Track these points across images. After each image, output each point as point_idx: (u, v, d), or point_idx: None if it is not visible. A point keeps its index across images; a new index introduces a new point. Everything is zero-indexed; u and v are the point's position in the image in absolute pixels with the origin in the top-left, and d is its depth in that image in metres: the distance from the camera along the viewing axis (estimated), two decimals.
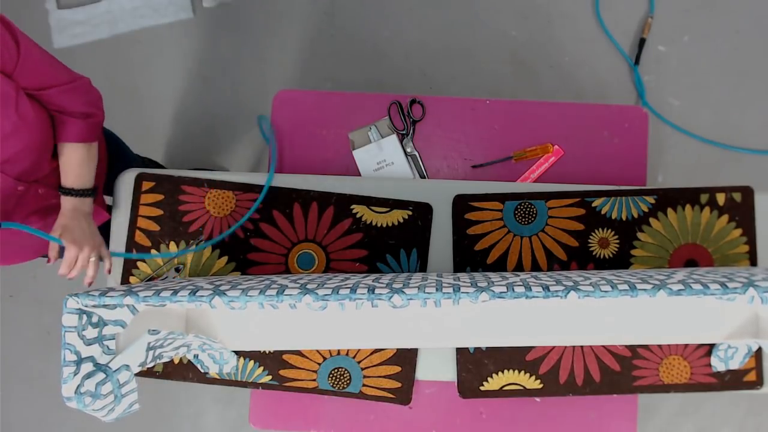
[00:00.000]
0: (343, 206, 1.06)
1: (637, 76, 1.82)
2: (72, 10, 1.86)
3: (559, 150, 1.14)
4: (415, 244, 1.05)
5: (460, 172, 1.14)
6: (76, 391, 0.67)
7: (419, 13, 1.87)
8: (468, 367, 1.01)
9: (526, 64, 1.84)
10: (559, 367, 1.01)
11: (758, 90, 1.82)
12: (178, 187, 1.05)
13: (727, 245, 1.04)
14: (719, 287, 0.67)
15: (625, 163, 1.14)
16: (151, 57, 1.84)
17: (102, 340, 0.72)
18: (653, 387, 1.00)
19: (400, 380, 1.02)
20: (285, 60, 1.86)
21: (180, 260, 1.05)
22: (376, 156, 1.13)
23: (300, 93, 1.18)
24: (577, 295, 0.67)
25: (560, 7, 1.87)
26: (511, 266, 1.04)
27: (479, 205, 1.05)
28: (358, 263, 1.05)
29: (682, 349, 1.01)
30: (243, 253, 1.05)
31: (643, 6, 1.86)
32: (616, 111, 1.16)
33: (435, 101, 1.16)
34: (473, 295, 0.67)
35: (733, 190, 1.05)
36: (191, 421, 1.75)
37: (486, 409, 1.06)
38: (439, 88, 1.83)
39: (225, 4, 1.86)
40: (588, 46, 1.85)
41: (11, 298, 1.82)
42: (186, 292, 0.69)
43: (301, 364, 1.02)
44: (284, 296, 0.68)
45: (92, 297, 0.69)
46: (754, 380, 1.01)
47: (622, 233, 1.04)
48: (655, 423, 1.70)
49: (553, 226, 1.05)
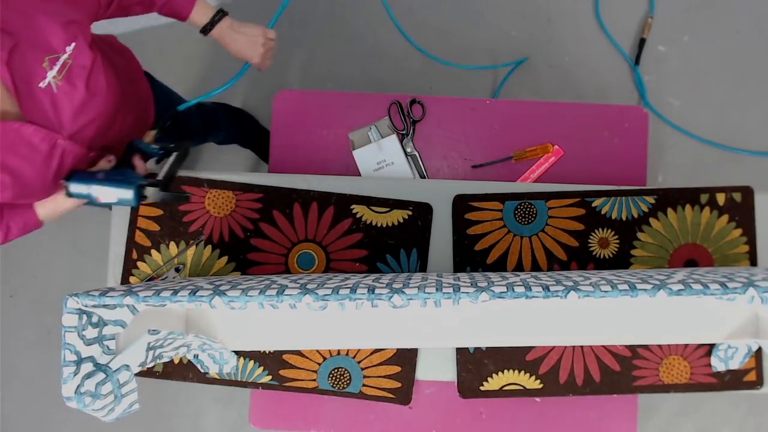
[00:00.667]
0: (343, 206, 1.06)
1: (638, 76, 1.82)
2: None
3: (559, 150, 1.14)
4: (415, 244, 1.05)
5: (460, 172, 1.14)
6: (76, 391, 0.67)
7: (419, 13, 1.87)
8: (468, 367, 1.01)
9: (526, 63, 1.84)
10: (559, 367, 1.01)
11: (758, 90, 1.82)
12: (178, 187, 1.05)
13: (727, 245, 1.04)
14: (719, 287, 0.67)
15: (625, 163, 1.14)
16: (151, 57, 1.84)
17: (102, 340, 0.72)
18: (653, 387, 1.00)
19: (400, 380, 1.02)
20: (285, 60, 1.86)
21: (180, 260, 1.05)
22: (376, 156, 1.13)
23: (300, 93, 1.18)
24: (577, 295, 0.67)
25: (560, 7, 1.87)
26: (511, 266, 1.04)
27: (479, 205, 1.05)
28: (358, 263, 1.05)
29: (682, 349, 1.01)
30: (243, 253, 1.05)
31: (643, 6, 1.86)
32: (616, 111, 1.16)
33: (435, 101, 1.16)
34: (473, 295, 0.67)
35: (733, 190, 1.05)
36: (191, 421, 1.75)
37: (486, 409, 1.06)
38: (439, 88, 1.83)
39: (225, 4, 1.86)
40: (588, 46, 1.85)
41: (11, 298, 1.82)
42: (186, 292, 0.69)
43: (301, 364, 1.02)
44: (284, 296, 0.68)
45: (92, 297, 0.69)
46: (754, 380, 1.01)
47: (622, 233, 1.04)
48: (655, 423, 1.70)
49: (553, 226, 1.05)
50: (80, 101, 0.76)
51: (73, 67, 0.74)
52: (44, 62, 0.71)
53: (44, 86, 0.72)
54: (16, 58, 0.68)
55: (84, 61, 0.75)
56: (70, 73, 0.74)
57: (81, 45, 0.74)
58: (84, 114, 0.78)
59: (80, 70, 0.75)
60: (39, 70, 0.71)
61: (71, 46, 0.73)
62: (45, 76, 0.71)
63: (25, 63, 0.69)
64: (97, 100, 0.79)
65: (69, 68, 0.73)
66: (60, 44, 0.72)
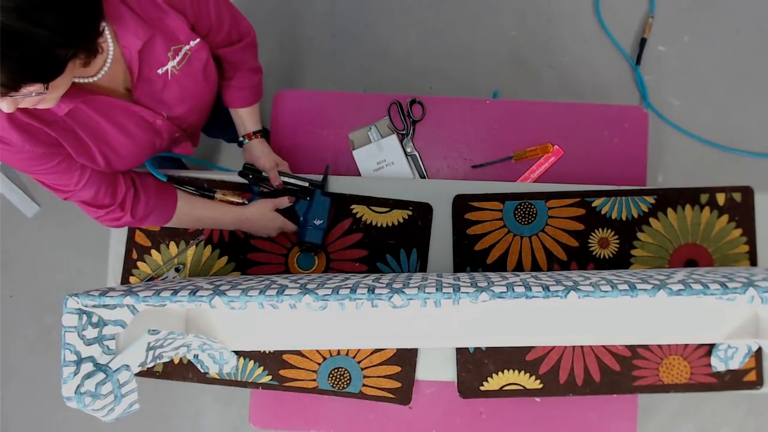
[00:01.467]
0: (343, 206, 1.06)
1: (639, 76, 1.81)
2: None
3: (559, 150, 1.14)
4: (415, 244, 1.05)
5: (460, 172, 1.14)
6: (76, 391, 0.67)
7: (419, 14, 1.87)
8: (468, 367, 1.01)
9: (526, 63, 1.84)
10: (559, 367, 1.01)
11: (758, 90, 1.82)
12: None
13: (727, 245, 1.04)
14: (719, 287, 0.67)
15: (625, 163, 1.14)
16: None
17: (102, 340, 0.72)
18: (653, 387, 1.00)
19: (400, 380, 1.02)
20: (285, 60, 1.86)
21: (180, 260, 1.05)
22: (376, 156, 1.13)
23: (300, 93, 1.18)
24: (577, 295, 0.67)
25: (560, 7, 1.87)
26: (511, 266, 1.04)
27: (479, 205, 1.05)
28: (358, 263, 1.05)
29: (682, 349, 1.01)
30: (243, 253, 1.05)
31: (644, 6, 1.86)
32: (616, 111, 1.16)
33: (435, 101, 1.16)
34: (473, 295, 0.67)
35: (733, 190, 1.05)
36: (191, 421, 1.75)
37: (486, 409, 1.06)
38: (439, 88, 1.83)
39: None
40: (588, 46, 1.85)
41: (11, 298, 1.82)
42: (186, 292, 0.69)
43: (301, 364, 1.02)
44: (284, 296, 0.68)
45: (92, 297, 0.69)
46: (754, 380, 1.01)
47: (622, 233, 1.04)
48: (655, 423, 1.70)
49: (553, 226, 1.05)
50: (189, 88, 0.85)
51: (192, 59, 0.82)
52: (170, 51, 0.78)
53: (162, 72, 0.80)
54: (148, 48, 0.76)
55: (202, 55, 0.83)
56: (189, 63, 0.82)
57: (202, 42, 0.82)
58: (188, 100, 0.87)
59: (198, 62, 0.83)
60: (163, 58, 0.78)
61: (196, 41, 0.81)
62: (165, 64, 0.79)
63: (153, 52, 0.77)
64: (202, 89, 0.87)
65: (189, 59, 0.81)
66: (186, 38, 0.79)
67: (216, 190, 1.02)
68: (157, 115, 0.84)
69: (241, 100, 1.01)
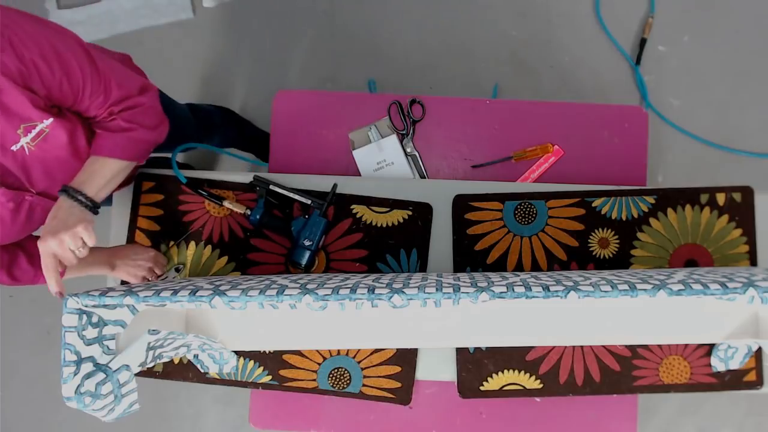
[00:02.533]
0: (343, 206, 1.06)
1: (639, 76, 1.81)
2: (72, 10, 1.86)
3: (559, 150, 1.14)
4: (415, 244, 1.05)
5: (460, 172, 1.14)
6: (76, 391, 0.67)
7: (419, 13, 1.87)
8: (468, 367, 1.01)
9: (526, 63, 1.84)
10: (559, 367, 1.01)
11: (758, 90, 1.82)
12: (178, 187, 1.05)
13: (727, 245, 1.04)
14: (719, 287, 0.67)
15: (625, 163, 1.14)
16: (151, 57, 1.84)
17: (102, 340, 0.72)
18: (653, 387, 1.00)
19: (400, 380, 1.02)
20: (285, 60, 1.86)
21: (180, 260, 1.05)
22: (376, 156, 1.13)
23: (300, 93, 1.18)
24: (577, 295, 0.67)
25: (560, 7, 1.87)
26: (511, 266, 1.04)
27: (479, 205, 1.05)
28: (358, 263, 1.05)
29: (682, 349, 1.01)
30: (243, 253, 1.05)
31: (644, 6, 1.86)
32: (616, 111, 1.16)
33: (435, 101, 1.16)
34: (473, 295, 0.67)
35: (733, 190, 1.05)
36: (191, 421, 1.75)
37: (486, 409, 1.06)
38: (439, 88, 1.83)
39: (225, 4, 1.86)
40: (588, 46, 1.85)
41: (11, 298, 1.82)
42: (186, 292, 0.69)
43: (301, 364, 1.02)
44: (284, 296, 0.68)
45: (92, 297, 0.69)
46: (754, 380, 1.01)
47: (622, 233, 1.04)
48: (655, 423, 1.70)
49: (553, 226, 1.05)
50: (53, 166, 0.79)
51: (49, 138, 0.75)
52: (19, 129, 0.72)
53: (16, 149, 0.73)
54: None
55: (60, 134, 0.76)
56: (45, 140, 0.75)
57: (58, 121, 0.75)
58: (57, 174, 0.80)
59: (56, 140, 0.76)
60: (13, 136, 0.72)
61: (49, 120, 0.73)
62: (18, 141, 0.73)
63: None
64: (71, 166, 0.81)
65: (45, 137, 0.75)
66: (37, 116, 0.72)
67: (224, 198, 1.03)
68: (23, 192, 0.79)
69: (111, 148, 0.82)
